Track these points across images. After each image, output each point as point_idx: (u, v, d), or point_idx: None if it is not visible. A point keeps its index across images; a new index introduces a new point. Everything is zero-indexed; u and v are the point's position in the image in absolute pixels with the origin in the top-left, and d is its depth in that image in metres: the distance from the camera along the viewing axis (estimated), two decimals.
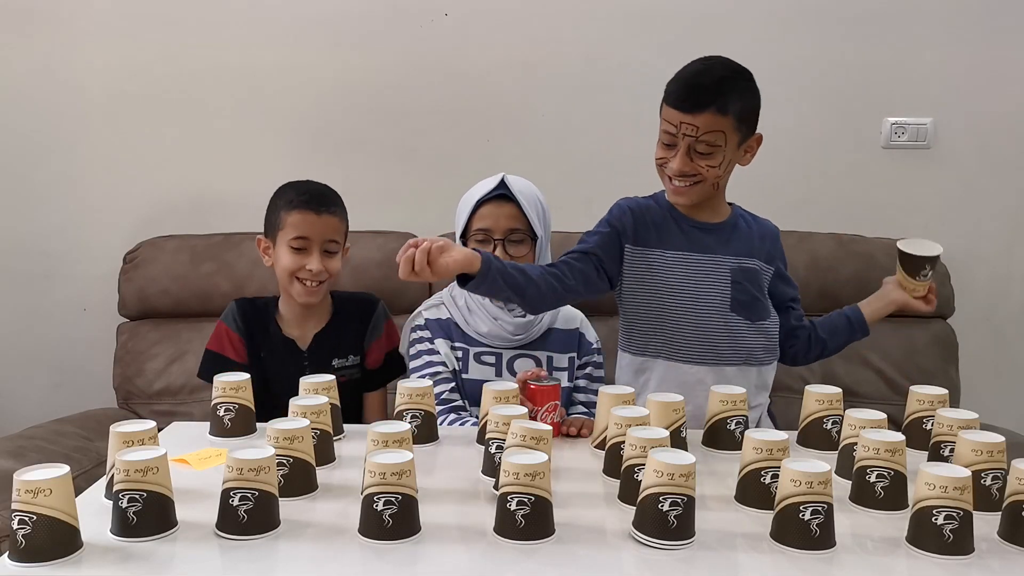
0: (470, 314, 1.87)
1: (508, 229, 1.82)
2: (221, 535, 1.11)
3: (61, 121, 2.55)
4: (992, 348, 2.68)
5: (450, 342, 1.88)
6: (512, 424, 1.26)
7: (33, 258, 2.60)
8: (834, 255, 2.47)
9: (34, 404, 2.56)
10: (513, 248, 1.83)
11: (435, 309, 1.92)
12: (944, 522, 1.09)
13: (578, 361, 1.91)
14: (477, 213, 1.84)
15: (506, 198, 1.83)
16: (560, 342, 1.90)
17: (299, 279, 1.84)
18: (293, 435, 1.24)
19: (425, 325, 1.90)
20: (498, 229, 1.82)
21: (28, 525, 1.03)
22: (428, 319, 1.90)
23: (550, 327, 1.90)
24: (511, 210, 1.83)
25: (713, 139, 1.63)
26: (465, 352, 1.87)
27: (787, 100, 2.59)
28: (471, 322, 1.87)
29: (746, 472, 1.24)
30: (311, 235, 1.83)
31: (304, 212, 1.83)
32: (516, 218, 1.83)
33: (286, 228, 1.83)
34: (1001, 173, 2.63)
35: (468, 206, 1.85)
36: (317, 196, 1.86)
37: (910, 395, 1.52)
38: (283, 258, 1.84)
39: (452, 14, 2.53)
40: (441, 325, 1.89)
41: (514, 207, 1.83)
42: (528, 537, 1.11)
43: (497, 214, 1.83)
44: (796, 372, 2.39)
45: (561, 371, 1.88)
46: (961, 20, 2.55)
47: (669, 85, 1.67)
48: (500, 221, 1.83)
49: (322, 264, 1.83)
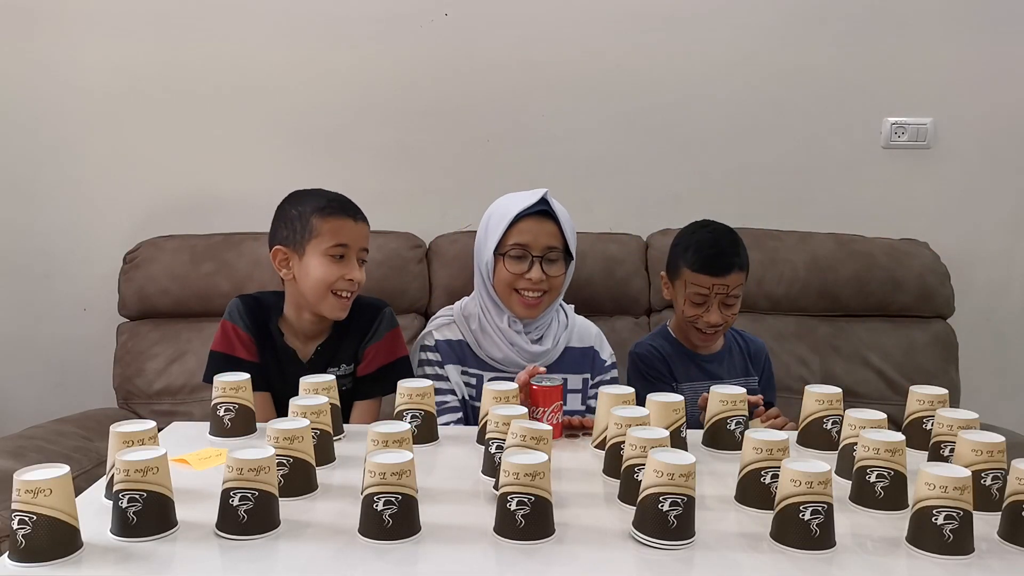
0: (483, 336, 1.84)
1: (547, 247, 1.80)
2: (221, 535, 1.11)
3: (61, 121, 2.55)
4: (992, 348, 2.68)
5: (462, 367, 1.84)
6: (512, 424, 1.26)
7: (33, 257, 2.60)
8: (834, 255, 2.47)
9: (34, 404, 2.56)
10: (550, 267, 1.80)
11: (446, 329, 1.88)
12: (944, 522, 1.09)
13: (592, 381, 1.89)
14: (516, 227, 1.79)
15: (547, 215, 1.80)
16: (574, 362, 1.88)
17: (335, 292, 1.72)
18: (293, 435, 1.24)
19: (436, 347, 1.85)
20: (537, 246, 1.79)
21: (28, 525, 1.03)
22: (439, 340, 1.85)
23: (566, 346, 1.88)
24: (551, 228, 1.80)
25: (739, 291, 1.88)
26: (479, 379, 1.83)
27: (787, 100, 2.60)
28: (484, 346, 1.84)
29: (746, 472, 1.24)
30: (351, 242, 1.72)
31: (342, 218, 1.72)
32: (555, 236, 1.80)
33: (322, 236, 1.71)
34: (1001, 173, 2.63)
35: (506, 219, 1.79)
36: (347, 202, 1.77)
37: (910, 395, 1.52)
38: (317, 269, 1.71)
39: (452, 14, 2.53)
40: (453, 348, 1.84)
41: (554, 225, 1.80)
42: (528, 537, 1.11)
43: (537, 231, 1.79)
44: (796, 373, 2.40)
45: (575, 393, 1.85)
46: (961, 20, 2.56)
47: (688, 254, 1.87)
48: (540, 238, 1.79)
49: (360, 274, 1.74)
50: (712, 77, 2.58)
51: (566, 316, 1.94)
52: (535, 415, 1.49)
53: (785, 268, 2.46)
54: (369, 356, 1.80)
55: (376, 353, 1.80)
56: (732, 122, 2.60)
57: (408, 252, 2.45)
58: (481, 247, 1.85)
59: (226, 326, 1.78)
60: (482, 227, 1.86)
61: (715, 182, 2.60)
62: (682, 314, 1.90)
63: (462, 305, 1.91)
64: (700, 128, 2.60)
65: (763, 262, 2.41)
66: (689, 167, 2.61)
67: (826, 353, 2.45)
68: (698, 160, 2.60)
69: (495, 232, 1.81)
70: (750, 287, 2.37)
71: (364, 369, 1.80)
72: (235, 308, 1.79)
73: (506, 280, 1.81)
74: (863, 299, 2.47)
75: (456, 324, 1.87)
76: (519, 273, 1.79)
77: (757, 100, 2.59)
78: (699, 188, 2.59)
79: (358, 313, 1.81)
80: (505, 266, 1.80)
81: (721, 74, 2.58)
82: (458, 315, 1.88)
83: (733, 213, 2.17)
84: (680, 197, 2.58)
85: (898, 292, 2.47)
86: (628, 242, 2.50)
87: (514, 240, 1.79)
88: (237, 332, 1.76)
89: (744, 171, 2.62)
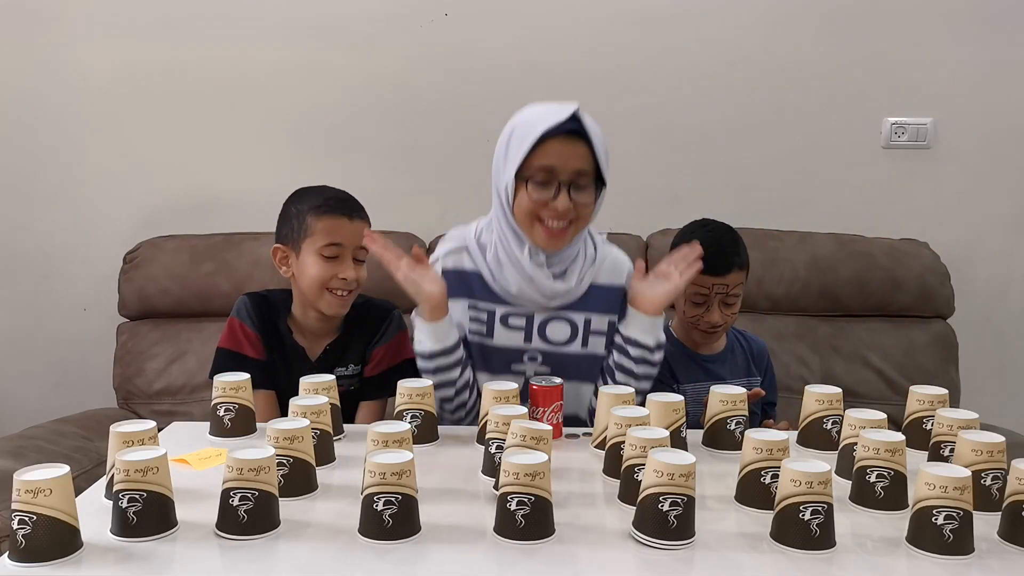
0: (499, 268, 1.66)
1: (576, 171, 1.58)
2: (221, 535, 1.11)
3: (62, 120, 2.55)
4: (992, 348, 2.68)
5: (470, 300, 1.67)
6: (512, 424, 1.26)
7: (33, 257, 2.61)
8: (834, 255, 2.48)
9: (34, 404, 2.56)
10: (578, 194, 1.59)
11: (456, 256, 1.71)
12: (944, 522, 1.09)
13: (619, 324, 1.71)
14: (541, 148, 1.57)
15: (578, 135, 1.58)
16: (602, 301, 1.70)
17: (330, 290, 1.72)
18: (293, 435, 1.23)
19: (443, 277, 1.67)
20: (565, 171, 1.57)
21: (28, 525, 1.03)
22: (447, 269, 1.69)
23: (592, 283, 1.70)
24: (582, 150, 1.58)
25: (739, 291, 1.85)
26: (490, 315, 1.67)
27: (787, 100, 2.60)
28: (499, 278, 1.66)
29: (746, 472, 1.24)
30: (345, 241, 1.71)
31: (336, 217, 1.71)
32: (586, 159, 1.59)
33: (316, 235, 1.70)
34: (1001, 173, 2.64)
35: (530, 137, 1.57)
36: (346, 200, 1.75)
37: (910, 395, 1.52)
38: (311, 268, 1.71)
39: (452, 13, 2.53)
40: (462, 279, 1.68)
41: (585, 147, 1.58)
42: (528, 537, 1.11)
43: (567, 153, 1.57)
44: (796, 373, 2.40)
45: (598, 335, 1.69)
46: (961, 20, 2.56)
47: None
48: (569, 161, 1.57)
49: (356, 272, 1.73)
50: (712, 77, 2.58)
51: (595, 249, 1.74)
52: (535, 415, 1.49)
53: (785, 268, 2.46)
54: (376, 357, 1.81)
55: (384, 355, 1.81)
56: (732, 122, 2.60)
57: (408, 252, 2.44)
58: (500, 167, 1.64)
59: (233, 323, 1.78)
60: (502, 143, 1.64)
61: (715, 182, 2.60)
62: (683, 314, 1.90)
63: (477, 231, 1.72)
64: (700, 128, 2.60)
65: (763, 262, 2.41)
66: (689, 167, 2.61)
67: (826, 353, 2.45)
68: (698, 160, 2.60)
69: (517, 152, 1.58)
70: (750, 287, 2.37)
71: (371, 370, 1.81)
72: (243, 305, 1.79)
73: (528, 208, 1.61)
74: (863, 299, 2.48)
75: (468, 253, 1.70)
76: (543, 201, 1.59)
77: (757, 100, 2.60)
78: (699, 188, 2.59)
79: (367, 314, 1.83)
80: (528, 192, 1.60)
81: (721, 74, 2.58)
82: (472, 243, 1.70)
83: (733, 213, 2.17)
84: (680, 197, 2.58)
85: (898, 292, 2.47)
86: (628, 242, 2.50)
87: (539, 163, 1.57)
88: (244, 329, 1.76)
89: (744, 171, 2.63)
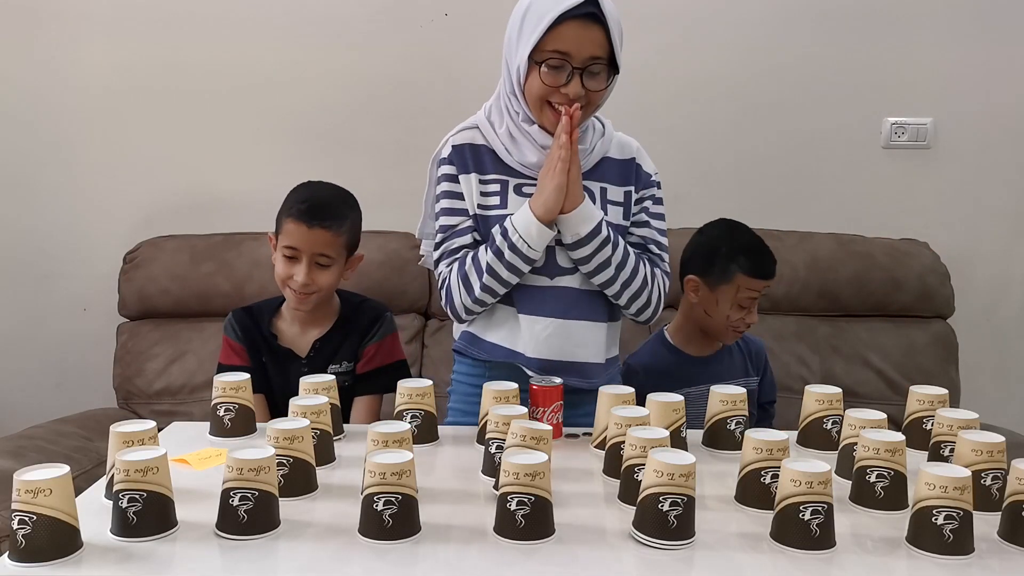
0: (513, 143, 1.63)
1: (590, 57, 1.53)
2: (221, 535, 1.11)
3: (61, 120, 2.56)
4: (992, 348, 2.68)
5: (479, 175, 1.64)
6: (512, 424, 1.26)
7: (33, 257, 2.61)
8: (834, 255, 2.48)
9: (34, 404, 2.56)
10: (590, 80, 1.55)
11: (467, 133, 1.67)
12: (944, 522, 1.09)
13: (635, 195, 1.69)
14: (555, 31, 1.51)
15: (594, 19, 1.52)
16: (616, 172, 1.68)
17: (289, 287, 1.79)
18: (293, 435, 1.23)
19: (450, 158, 1.66)
20: (579, 56, 1.53)
21: (28, 525, 1.03)
22: (455, 146, 1.66)
23: (603, 155, 1.68)
24: (597, 34, 1.53)
25: None
26: (503, 184, 1.63)
27: (788, 100, 2.60)
28: (514, 152, 1.63)
29: (746, 472, 1.24)
30: (300, 247, 1.76)
31: (297, 223, 1.76)
32: (601, 45, 1.54)
33: (283, 234, 1.79)
34: (1001, 173, 2.64)
35: (544, 19, 1.51)
36: (317, 207, 1.77)
37: (910, 395, 1.52)
38: (277, 264, 1.80)
39: (452, 14, 2.53)
40: (473, 152, 1.65)
41: (601, 31, 1.53)
42: (528, 537, 1.11)
43: (582, 37, 1.52)
44: (796, 373, 2.40)
45: (616, 205, 1.66)
46: (961, 20, 2.56)
47: (741, 260, 1.86)
48: (584, 46, 1.52)
49: (309, 277, 1.75)
50: (712, 77, 2.58)
51: (603, 125, 1.73)
52: (535, 415, 1.48)
53: (785, 268, 2.44)
54: (368, 354, 1.85)
55: (375, 352, 1.85)
56: (732, 122, 2.60)
57: (408, 252, 2.45)
58: (512, 46, 1.59)
59: (224, 340, 1.87)
60: (515, 20, 1.59)
61: (715, 182, 2.60)
62: (727, 318, 1.88)
63: (487, 109, 1.69)
64: (700, 128, 2.60)
65: None
66: (689, 167, 2.60)
67: (826, 353, 2.45)
68: (698, 160, 2.60)
69: (530, 33, 1.53)
70: None
71: (363, 367, 1.85)
72: (229, 322, 1.88)
73: (539, 92, 1.57)
74: (863, 299, 2.48)
75: (480, 130, 1.67)
76: (555, 85, 1.55)
77: (757, 100, 2.60)
78: (699, 188, 2.59)
79: (360, 313, 1.87)
80: (540, 75, 1.55)
81: (721, 74, 2.58)
82: (483, 121, 1.67)
83: (733, 213, 2.16)
84: (680, 197, 2.57)
85: (898, 292, 2.47)
86: None
87: (553, 46, 1.52)
88: (231, 344, 1.85)
89: (744, 171, 2.63)
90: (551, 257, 1.63)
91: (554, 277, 1.63)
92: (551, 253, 1.62)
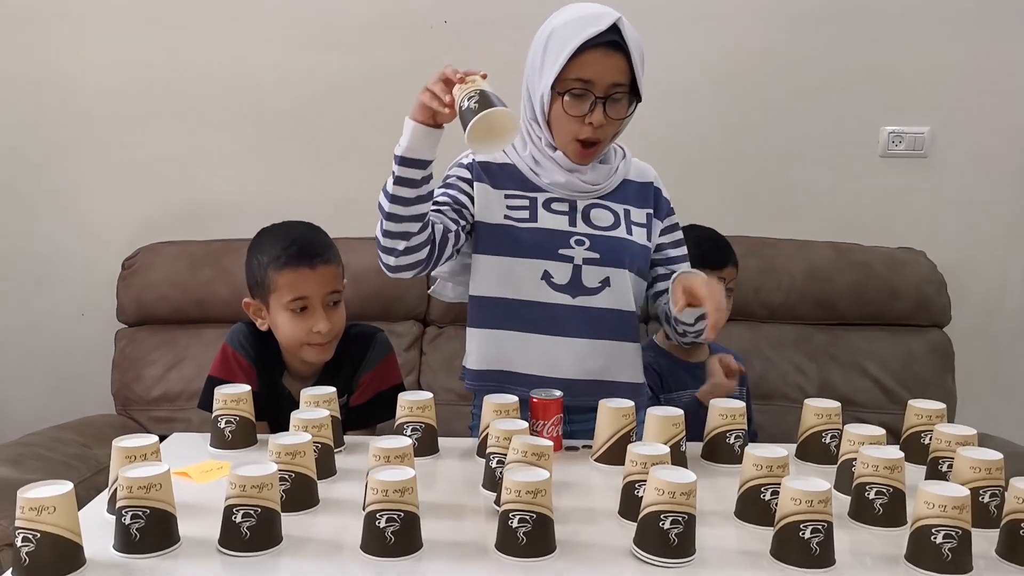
0: (538, 166, 1.64)
1: (612, 84, 1.54)
2: (224, 551, 1.12)
3: (59, 126, 2.55)
4: (988, 357, 2.69)
5: (507, 191, 1.63)
6: (513, 440, 1.26)
7: (31, 263, 2.60)
8: (832, 264, 2.48)
9: (32, 410, 2.56)
10: (613, 108, 1.56)
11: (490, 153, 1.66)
12: (943, 541, 1.10)
13: (660, 222, 1.72)
14: (578, 59, 1.52)
15: (616, 46, 1.53)
16: (637, 195, 1.70)
17: (308, 343, 1.65)
18: (295, 450, 1.24)
19: (470, 166, 1.65)
20: (602, 83, 1.54)
21: (32, 543, 1.03)
22: (476, 160, 1.65)
23: (624, 178, 1.70)
24: (620, 62, 1.54)
25: (732, 286, 1.97)
26: (532, 200, 1.63)
27: (785, 108, 2.60)
28: (541, 173, 1.64)
29: (746, 488, 1.25)
30: (310, 293, 1.63)
31: (297, 269, 1.62)
32: (623, 72, 1.55)
33: (280, 290, 1.63)
34: (998, 182, 2.64)
35: (567, 47, 1.52)
36: (307, 246, 1.64)
37: (908, 409, 1.52)
38: (284, 326, 1.64)
39: (452, 21, 2.53)
40: (499, 168, 1.64)
41: (623, 59, 1.54)
42: (529, 554, 1.11)
43: (605, 65, 1.53)
44: (793, 381, 2.40)
45: (639, 227, 1.68)
46: (959, 29, 2.56)
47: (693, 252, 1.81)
48: (607, 74, 1.53)
49: (331, 320, 1.64)
50: (709, 84, 2.58)
51: (622, 150, 1.75)
52: (535, 428, 1.49)
53: (782, 276, 2.47)
54: (363, 385, 1.74)
55: (370, 382, 1.74)
56: (729, 130, 2.61)
57: None
58: (535, 75, 1.60)
59: (227, 350, 1.71)
60: (537, 48, 1.60)
61: (712, 190, 2.61)
62: None
63: None
64: (697, 136, 2.60)
65: (761, 270, 2.42)
66: (686, 175, 2.60)
67: (823, 361, 2.45)
68: (695, 168, 2.60)
69: (554, 62, 1.54)
70: (748, 295, 2.39)
71: (358, 399, 1.74)
72: (239, 333, 1.73)
73: (562, 121, 1.60)
74: (860, 308, 2.48)
75: (504, 152, 1.66)
76: (578, 115, 1.56)
77: (754, 108, 2.60)
78: (696, 196, 2.58)
79: (351, 345, 1.75)
80: (563, 104, 1.57)
81: (718, 81, 2.58)
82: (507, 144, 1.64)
83: (730, 221, 2.18)
84: (677, 205, 2.53)
85: (895, 301, 2.48)
86: None
87: (576, 75, 1.53)
88: (238, 359, 1.70)
89: (742, 179, 2.63)
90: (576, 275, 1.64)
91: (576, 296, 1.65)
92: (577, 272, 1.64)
